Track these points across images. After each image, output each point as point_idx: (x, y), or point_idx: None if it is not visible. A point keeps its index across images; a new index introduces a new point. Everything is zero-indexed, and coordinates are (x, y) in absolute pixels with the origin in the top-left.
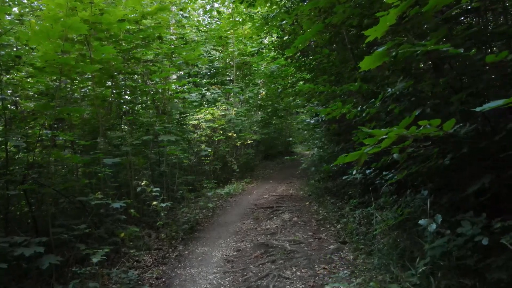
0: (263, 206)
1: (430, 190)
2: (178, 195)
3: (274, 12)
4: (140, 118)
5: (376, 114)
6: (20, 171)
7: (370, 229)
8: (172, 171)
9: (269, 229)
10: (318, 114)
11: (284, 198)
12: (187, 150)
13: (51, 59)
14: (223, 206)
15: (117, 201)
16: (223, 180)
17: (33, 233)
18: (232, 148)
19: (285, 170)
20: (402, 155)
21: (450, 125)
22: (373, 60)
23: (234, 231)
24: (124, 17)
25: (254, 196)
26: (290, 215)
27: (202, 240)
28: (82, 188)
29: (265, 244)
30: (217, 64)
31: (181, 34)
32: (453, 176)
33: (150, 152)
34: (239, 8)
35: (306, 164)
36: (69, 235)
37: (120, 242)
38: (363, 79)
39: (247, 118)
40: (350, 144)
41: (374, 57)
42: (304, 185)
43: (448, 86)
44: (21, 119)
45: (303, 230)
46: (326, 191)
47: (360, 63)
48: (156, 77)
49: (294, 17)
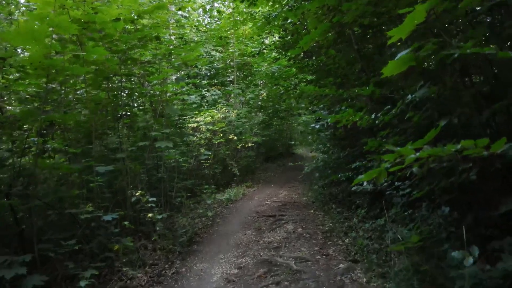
0: (265, 214)
1: (451, 206)
2: (176, 202)
3: (276, 11)
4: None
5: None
6: (6, 181)
7: (383, 246)
8: (170, 175)
9: (272, 242)
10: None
11: (287, 205)
12: (187, 153)
13: (37, 62)
14: (223, 213)
15: (109, 214)
16: (223, 184)
17: (20, 249)
18: (232, 151)
19: (286, 173)
20: (422, 170)
21: (499, 145)
22: (398, 65)
23: (235, 244)
24: (119, 16)
25: (255, 202)
26: (294, 225)
27: (201, 254)
28: (73, 198)
29: (269, 261)
30: (217, 65)
31: (180, 34)
32: (480, 192)
33: (147, 157)
34: (239, 7)
35: (309, 168)
36: (56, 252)
37: (113, 256)
38: (376, 84)
39: (248, 120)
40: (356, 149)
41: (399, 61)
42: (307, 189)
43: (478, 93)
44: (7, 125)
45: (309, 244)
46: (330, 198)
47: (383, 69)
48: (153, 79)
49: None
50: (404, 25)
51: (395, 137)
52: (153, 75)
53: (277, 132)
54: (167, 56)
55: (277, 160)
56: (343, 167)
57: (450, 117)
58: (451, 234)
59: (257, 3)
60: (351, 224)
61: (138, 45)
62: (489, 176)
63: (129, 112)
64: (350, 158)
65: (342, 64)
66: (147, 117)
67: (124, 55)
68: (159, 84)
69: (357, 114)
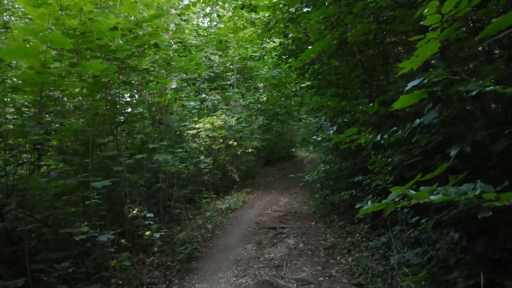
0: (266, 226)
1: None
2: (176, 212)
3: (277, 18)
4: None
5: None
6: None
7: (388, 267)
8: (169, 182)
9: (273, 259)
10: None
11: (288, 215)
12: (186, 160)
13: (29, 78)
14: (223, 224)
15: (105, 233)
16: (223, 190)
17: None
18: (232, 157)
19: (287, 178)
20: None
21: None
22: (409, 99)
23: (235, 260)
24: (116, 25)
25: (256, 210)
26: (295, 240)
27: (200, 272)
28: (68, 216)
29: (270, 283)
30: (217, 69)
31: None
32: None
33: (145, 170)
34: (239, 11)
35: (311, 178)
36: (50, 274)
37: (109, 275)
38: (381, 103)
39: (248, 125)
40: (359, 159)
41: (412, 96)
42: (308, 197)
43: (491, 120)
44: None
45: (311, 262)
46: (332, 209)
47: (394, 104)
48: (151, 89)
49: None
50: (418, 56)
51: (400, 156)
52: (151, 83)
53: (277, 135)
54: (166, 66)
55: (278, 164)
56: (345, 178)
57: (462, 145)
58: (460, 260)
59: (258, 10)
60: (354, 241)
61: (136, 53)
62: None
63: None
64: (352, 170)
65: (344, 74)
66: (146, 125)
67: (122, 63)
68: (157, 94)
69: (362, 135)
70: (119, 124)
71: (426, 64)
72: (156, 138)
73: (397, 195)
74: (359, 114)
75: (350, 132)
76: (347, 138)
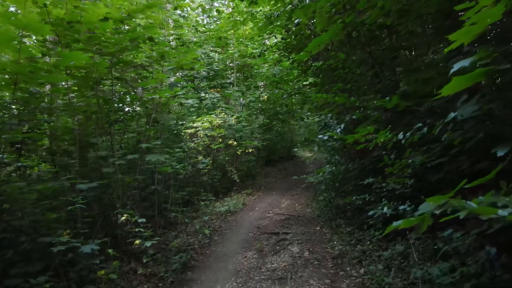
0: (267, 231)
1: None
2: (171, 215)
3: (279, 11)
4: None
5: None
6: None
7: (407, 284)
8: (166, 184)
9: (276, 270)
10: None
11: (290, 219)
12: (183, 160)
13: (1, 68)
14: (222, 228)
15: (90, 242)
16: (222, 191)
17: None
18: (232, 157)
19: (288, 179)
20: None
21: None
22: (462, 82)
23: (234, 270)
24: (107, 15)
25: (256, 213)
26: (299, 247)
27: (196, 284)
28: (49, 223)
29: None
30: (216, 67)
31: (178, 35)
32: None
33: (138, 171)
34: (239, 6)
35: (315, 180)
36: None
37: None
38: (403, 96)
39: (248, 124)
40: (367, 160)
41: (467, 78)
42: (311, 199)
43: None
44: None
45: (318, 274)
46: (338, 213)
47: (443, 89)
48: (145, 85)
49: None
50: (471, 26)
51: (421, 156)
52: (146, 79)
53: (278, 135)
54: (160, 60)
55: (278, 164)
56: (352, 180)
57: (509, 147)
58: (495, 278)
59: (258, 2)
60: (365, 249)
61: (129, 47)
62: None
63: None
64: (360, 171)
65: (352, 68)
66: (141, 124)
67: (114, 58)
68: (152, 90)
69: (380, 134)
70: (113, 122)
71: (459, 51)
72: (152, 138)
73: (436, 205)
74: (370, 110)
75: (366, 131)
76: (362, 138)
